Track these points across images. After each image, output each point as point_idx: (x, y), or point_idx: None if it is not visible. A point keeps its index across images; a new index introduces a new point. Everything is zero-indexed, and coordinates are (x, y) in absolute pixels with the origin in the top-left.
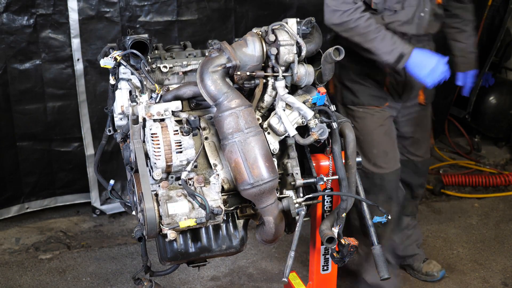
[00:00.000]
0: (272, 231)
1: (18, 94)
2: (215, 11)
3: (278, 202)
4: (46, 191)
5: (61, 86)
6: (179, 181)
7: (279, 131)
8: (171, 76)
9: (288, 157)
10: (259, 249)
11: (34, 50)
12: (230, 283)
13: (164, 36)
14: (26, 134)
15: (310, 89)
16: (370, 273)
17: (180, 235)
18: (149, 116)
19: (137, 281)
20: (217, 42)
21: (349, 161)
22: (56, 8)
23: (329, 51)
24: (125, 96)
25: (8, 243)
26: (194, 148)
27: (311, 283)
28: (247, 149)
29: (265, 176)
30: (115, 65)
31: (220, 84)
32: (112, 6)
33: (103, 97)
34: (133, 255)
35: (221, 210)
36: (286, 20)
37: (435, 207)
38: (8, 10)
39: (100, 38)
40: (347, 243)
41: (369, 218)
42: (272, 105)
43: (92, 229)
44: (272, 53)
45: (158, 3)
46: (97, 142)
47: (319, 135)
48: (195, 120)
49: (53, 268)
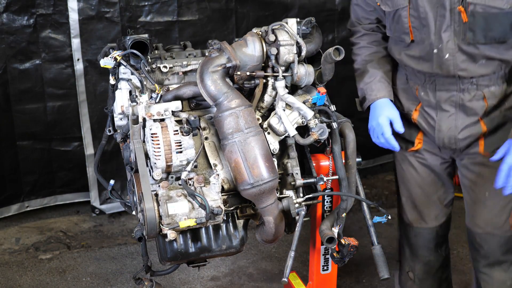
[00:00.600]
0: (272, 231)
1: (18, 94)
2: (215, 12)
3: (278, 202)
4: (46, 190)
5: (61, 86)
6: (179, 181)
7: (279, 131)
8: (171, 76)
9: (288, 157)
10: (259, 249)
11: (34, 50)
12: (230, 283)
13: (164, 36)
14: (26, 133)
15: (310, 89)
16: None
17: (180, 235)
18: (149, 116)
19: (138, 280)
20: (217, 42)
21: (349, 161)
22: (56, 8)
23: (329, 51)
24: (125, 96)
25: (8, 243)
26: (194, 148)
27: (311, 283)
28: (247, 149)
29: (265, 176)
30: (115, 65)
31: (220, 84)
32: (112, 6)
33: (103, 97)
34: (133, 255)
35: (221, 210)
36: (286, 20)
37: None
38: (8, 10)
39: (100, 38)
40: (347, 243)
41: (369, 218)
42: (272, 105)
43: (92, 229)
44: (272, 53)
45: (159, 3)
46: (97, 142)
47: (319, 135)
48: (195, 120)
49: (53, 268)
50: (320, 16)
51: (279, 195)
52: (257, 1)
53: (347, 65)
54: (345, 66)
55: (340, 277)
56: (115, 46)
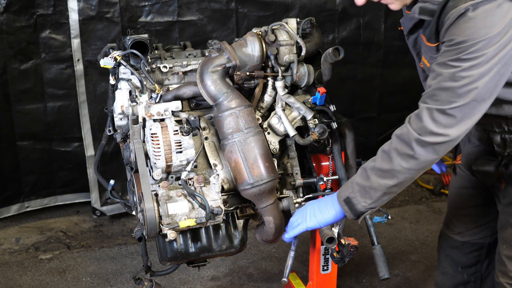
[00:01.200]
0: (272, 231)
1: (18, 94)
2: (216, 12)
3: (278, 202)
4: (46, 190)
5: (61, 86)
6: (179, 181)
7: (279, 131)
8: (171, 76)
9: (288, 157)
10: (259, 249)
11: (34, 50)
12: (230, 283)
13: (164, 36)
14: (26, 133)
15: (310, 89)
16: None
17: (180, 235)
18: (149, 116)
19: (138, 281)
20: (217, 42)
21: (349, 161)
22: (56, 8)
23: (329, 51)
24: (125, 96)
25: (8, 243)
26: (194, 148)
27: (311, 283)
28: (247, 149)
29: (265, 176)
30: (115, 65)
31: (220, 84)
32: (112, 6)
33: (103, 98)
34: (133, 255)
35: (221, 210)
36: (286, 20)
37: (435, 207)
38: (8, 10)
39: (100, 38)
40: (347, 243)
41: (369, 218)
42: (272, 105)
43: (92, 229)
44: (272, 53)
45: (159, 3)
46: (97, 143)
47: (319, 135)
48: (195, 120)
49: (53, 268)
50: (320, 16)
51: (279, 195)
52: (258, 1)
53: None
54: (345, 66)
55: (340, 277)
56: (115, 46)
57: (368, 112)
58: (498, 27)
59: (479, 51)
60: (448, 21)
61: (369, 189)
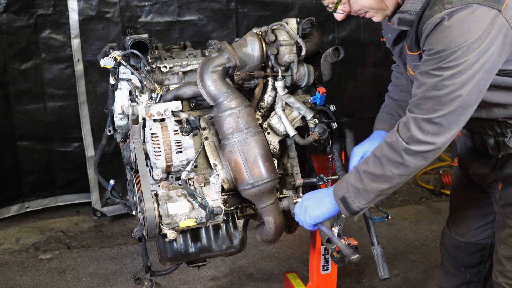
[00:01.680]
0: (272, 231)
1: (18, 94)
2: (216, 12)
3: (278, 202)
4: (46, 190)
5: (61, 86)
6: (179, 181)
7: (279, 131)
8: (171, 76)
9: (288, 157)
10: (259, 249)
11: (34, 50)
12: (230, 283)
13: (164, 36)
14: (26, 134)
15: (310, 89)
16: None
17: (180, 235)
18: (149, 116)
19: (138, 280)
20: (217, 42)
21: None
22: (56, 8)
23: (329, 51)
24: (125, 96)
25: (8, 243)
26: (194, 148)
27: (311, 283)
28: (247, 149)
29: (265, 176)
30: (115, 65)
31: (220, 84)
32: (112, 6)
33: (103, 98)
34: (133, 255)
35: (221, 210)
36: (286, 20)
37: (435, 207)
38: (8, 10)
39: (101, 38)
40: (347, 243)
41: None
42: (272, 105)
43: (92, 229)
44: (272, 53)
45: (159, 3)
46: (97, 143)
47: (319, 135)
48: (195, 120)
49: (53, 268)
50: (320, 16)
51: (279, 195)
52: (258, 1)
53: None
54: (345, 67)
55: (340, 277)
56: (115, 46)
57: (368, 112)
58: (476, 33)
59: (459, 59)
60: (426, 30)
61: (363, 191)
